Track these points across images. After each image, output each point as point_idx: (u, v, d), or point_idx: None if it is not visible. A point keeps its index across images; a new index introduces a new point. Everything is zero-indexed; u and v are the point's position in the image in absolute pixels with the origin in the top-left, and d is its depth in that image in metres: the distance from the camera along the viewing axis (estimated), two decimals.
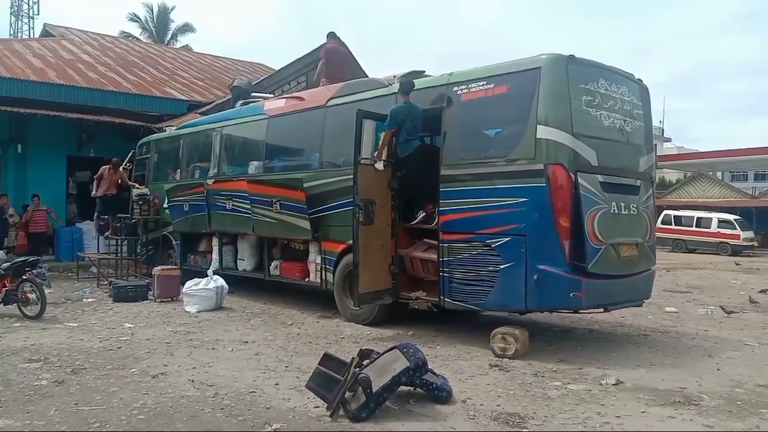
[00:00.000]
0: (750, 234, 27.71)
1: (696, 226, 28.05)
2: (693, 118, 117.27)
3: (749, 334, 7.95)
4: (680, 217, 28.67)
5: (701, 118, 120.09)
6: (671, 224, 28.40)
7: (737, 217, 27.96)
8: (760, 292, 12.30)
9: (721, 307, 9.98)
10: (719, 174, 38.84)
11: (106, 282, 11.20)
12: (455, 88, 7.22)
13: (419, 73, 8.53)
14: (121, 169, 13.24)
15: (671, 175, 45.08)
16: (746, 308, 10.23)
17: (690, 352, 6.83)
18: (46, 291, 8.64)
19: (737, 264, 20.85)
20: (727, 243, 26.86)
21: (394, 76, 8.50)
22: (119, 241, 12.48)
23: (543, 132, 6.35)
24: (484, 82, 6.95)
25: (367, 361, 4.85)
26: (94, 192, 13.33)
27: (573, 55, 6.60)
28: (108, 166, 13.19)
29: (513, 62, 6.90)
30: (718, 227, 27.40)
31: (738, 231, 26.96)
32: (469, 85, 7.08)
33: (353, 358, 4.96)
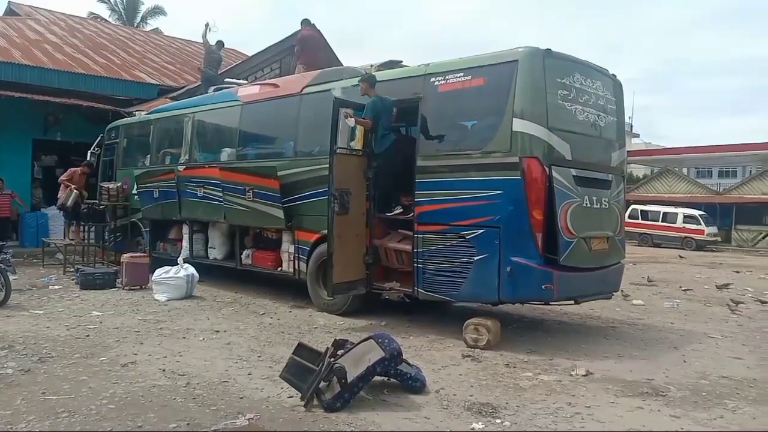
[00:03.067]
0: (714, 229, 28.44)
1: (662, 221, 28.67)
2: (660, 115, 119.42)
3: (713, 327, 8.15)
4: (647, 211, 29.26)
5: (668, 114, 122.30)
6: (638, 219, 28.95)
7: (702, 212, 28.64)
8: (721, 285, 12.60)
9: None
10: (685, 170, 39.63)
11: (73, 269, 10.98)
12: (432, 79, 7.20)
13: (396, 63, 8.52)
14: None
15: (639, 171, 45.87)
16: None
17: (657, 344, 6.98)
18: (11, 277, 8.41)
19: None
20: (692, 238, 27.51)
21: (371, 65, 8.47)
22: (86, 228, 12.25)
23: (519, 125, 6.39)
24: (462, 74, 6.95)
25: (342, 351, 4.85)
26: (61, 202, 12.42)
27: (550, 49, 6.63)
28: (80, 168, 12.65)
29: (490, 55, 6.91)
30: (684, 222, 28.05)
31: (702, 226, 27.63)
32: (446, 77, 7.08)
33: (327, 348, 4.95)
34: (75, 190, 12.21)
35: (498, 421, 4.33)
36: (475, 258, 6.57)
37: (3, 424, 4.00)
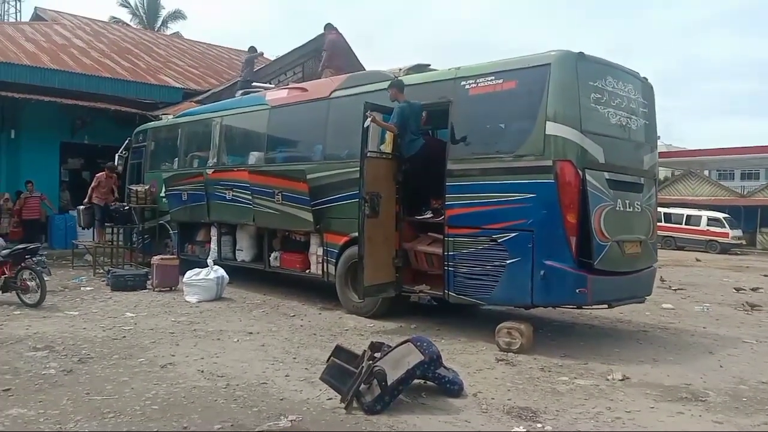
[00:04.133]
0: (738, 232, 28.05)
1: (685, 224, 28.34)
2: (676, 117, 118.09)
3: (746, 331, 8.06)
4: (670, 214, 28.92)
5: (684, 116, 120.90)
6: (661, 221, 28.59)
7: (726, 215, 28.27)
8: (752, 290, 12.46)
9: None
10: (706, 172, 39.18)
11: (102, 270, 11.14)
12: (463, 83, 7.20)
13: (424, 67, 8.54)
14: (114, 174, 13.05)
15: (660, 173, 45.44)
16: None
17: (691, 349, 6.92)
18: (45, 278, 8.55)
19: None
20: (716, 241, 27.19)
21: (400, 69, 8.48)
22: (115, 230, 12.44)
23: (552, 128, 6.37)
24: (493, 78, 6.94)
25: (380, 353, 4.87)
26: (87, 200, 12.76)
27: (582, 53, 6.62)
28: (104, 172, 12.90)
29: (522, 58, 6.90)
30: (708, 225, 27.71)
31: (727, 229, 27.29)
32: (477, 80, 7.08)
33: (365, 350, 4.98)
34: (82, 206, 12.81)
35: (539, 425, 4.33)
36: (508, 261, 6.56)
37: (52, 423, 4.09)
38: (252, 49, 14.47)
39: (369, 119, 7.16)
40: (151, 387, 4.88)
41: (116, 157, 13.47)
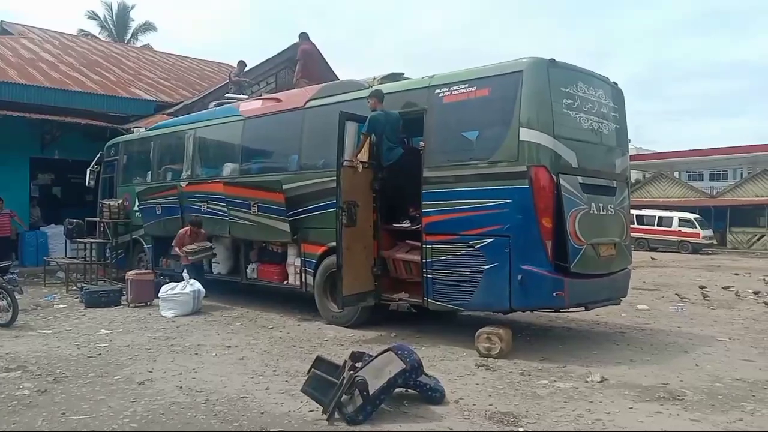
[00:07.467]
0: (709, 232, 28.59)
1: (658, 225, 28.79)
2: (647, 119, 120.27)
3: (720, 330, 8.20)
4: (642, 216, 29.35)
5: (655, 119, 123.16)
6: (633, 223, 29.01)
7: (697, 215, 28.79)
8: (723, 288, 12.70)
9: None
10: (676, 174, 39.91)
11: (76, 287, 10.93)
12: (437, 91, 7.26)
13: (398, 75, 8.59)
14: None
15: (632, 176, 46.12)
16: None
17: (667, 349, 7.02)
18: (17, 297, 8.36)
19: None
20: (688, 241, 27.67)
21: (374, 78, 8.52)
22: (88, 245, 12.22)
23: (525, 134, 6.45)
24: (466, 85, 7.01)
25: (361, 363, 4.86)
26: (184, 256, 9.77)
27: (554, 59, 6.71)
28: (187, 228, 9.85)
29: (495, 65, 6.97)
30: (679, 226, 28.18)
31: (698, 230, 27.78)
32: (451, 88, 7.13)
33: (346, 360, 4.96)
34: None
35: (520, 430, 4.35)
36: (486, 267, 6.60)
37: None
38: (241, 63, 14.44)
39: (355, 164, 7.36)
40: (128, 405, 4.79)
41: (87, 171, 13.28)
